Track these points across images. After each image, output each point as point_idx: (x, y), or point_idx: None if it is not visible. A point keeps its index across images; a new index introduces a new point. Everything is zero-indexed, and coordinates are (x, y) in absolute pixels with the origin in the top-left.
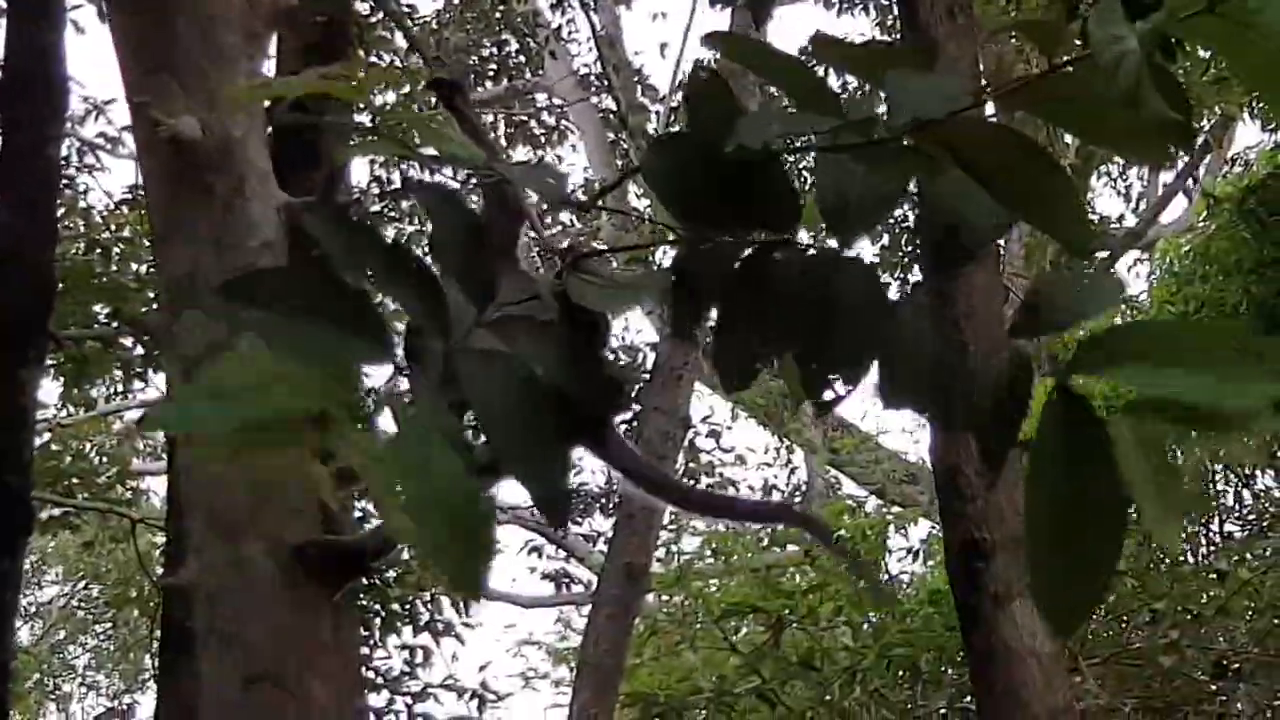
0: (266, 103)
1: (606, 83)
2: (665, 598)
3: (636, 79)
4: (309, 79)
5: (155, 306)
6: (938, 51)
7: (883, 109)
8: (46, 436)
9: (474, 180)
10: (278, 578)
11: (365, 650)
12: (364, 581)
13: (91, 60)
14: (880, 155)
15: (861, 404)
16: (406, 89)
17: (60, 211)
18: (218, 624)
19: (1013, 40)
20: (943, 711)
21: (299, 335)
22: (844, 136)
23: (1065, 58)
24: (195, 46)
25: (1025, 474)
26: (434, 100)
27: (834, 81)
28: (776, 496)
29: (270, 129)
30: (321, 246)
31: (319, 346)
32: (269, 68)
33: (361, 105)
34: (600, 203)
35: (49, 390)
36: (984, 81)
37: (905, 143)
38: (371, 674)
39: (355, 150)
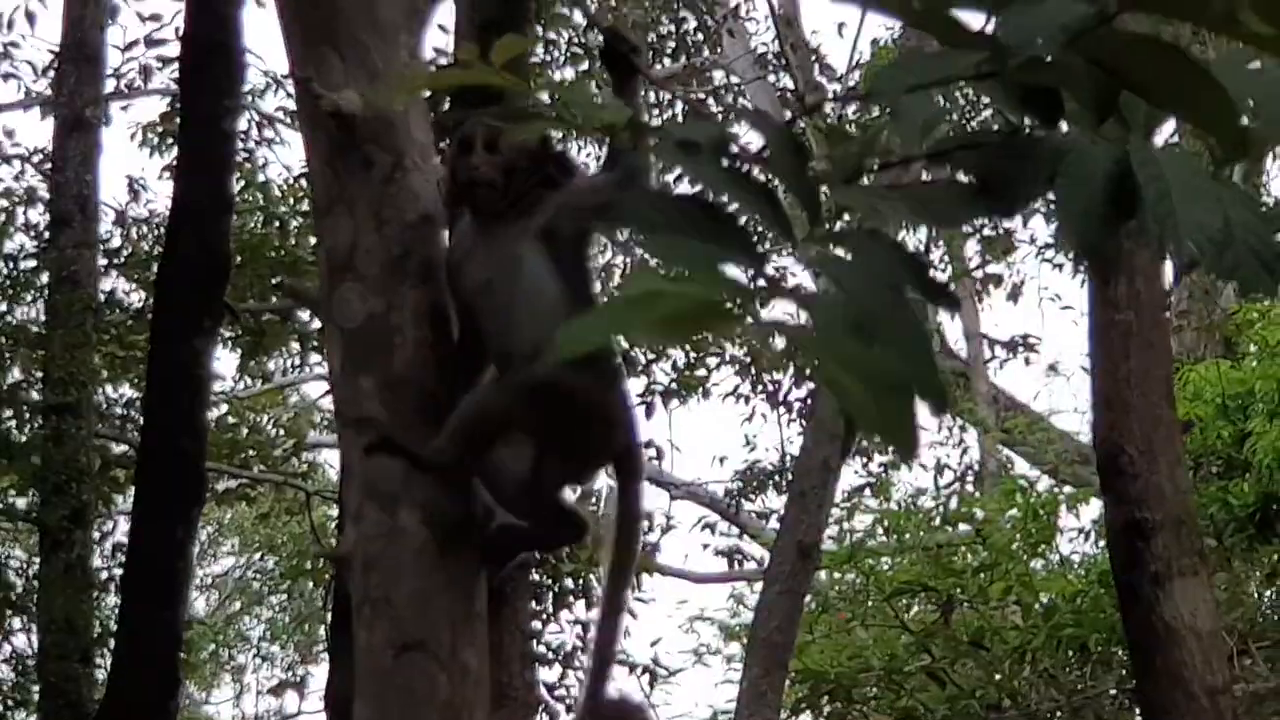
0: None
1: (784, 61)
2: (836, 575)
3: (814, 58)
4: (471, 70)
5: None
6: None
7: None
8: (223, 409)
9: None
10: (431, 547)
11: (538, 625)
12: (537, 556)
13: (272, 34)
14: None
15: (1033, 385)
16: (585, 65)
17: (239, 184)
18: (372, 593)
19: None
20: (1112, 692)
21: (681, 249)
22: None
23: None
24: (356, 20)
25: None
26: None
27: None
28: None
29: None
30: (688, 172)
31: (702, 257)
32: (429, 41)
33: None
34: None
35: (226, 362)
36: None
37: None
38: (544, 649)
39: (520, 131)
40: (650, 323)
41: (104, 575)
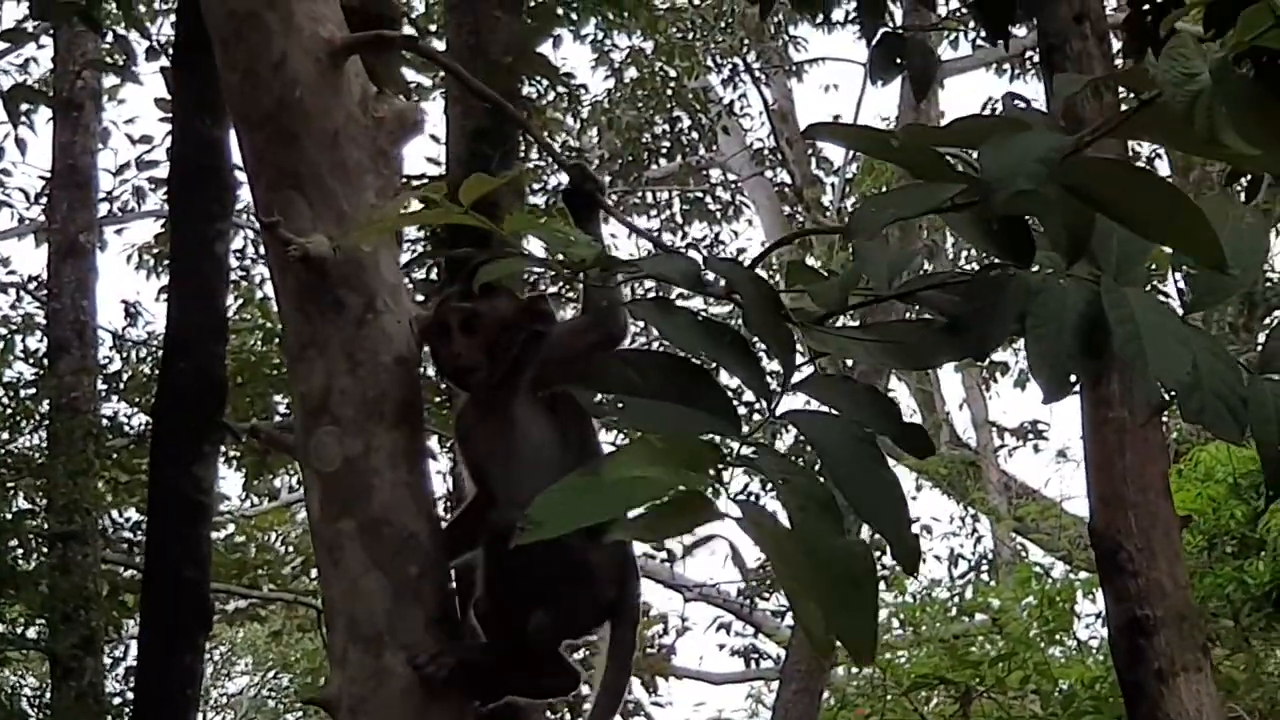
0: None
1: (780, 156)
2: (854, 670)
3: (810, 152)
4: (439, 210)
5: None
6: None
7: None
8: (230, 528)
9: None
10: (417, 690)
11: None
12: None
13: None
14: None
15: (1043, 470)
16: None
17: (237, 302)
18: None
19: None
20: None
21: (661, 416)
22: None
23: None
24: (322, 164)
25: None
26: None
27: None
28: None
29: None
30: (658, 329)
31: (681, 424)
32: (420, 151)
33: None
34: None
35: (232, 481)
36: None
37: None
38: None
39: (495, 271)
40: (631, 515)
41: (117, 701)
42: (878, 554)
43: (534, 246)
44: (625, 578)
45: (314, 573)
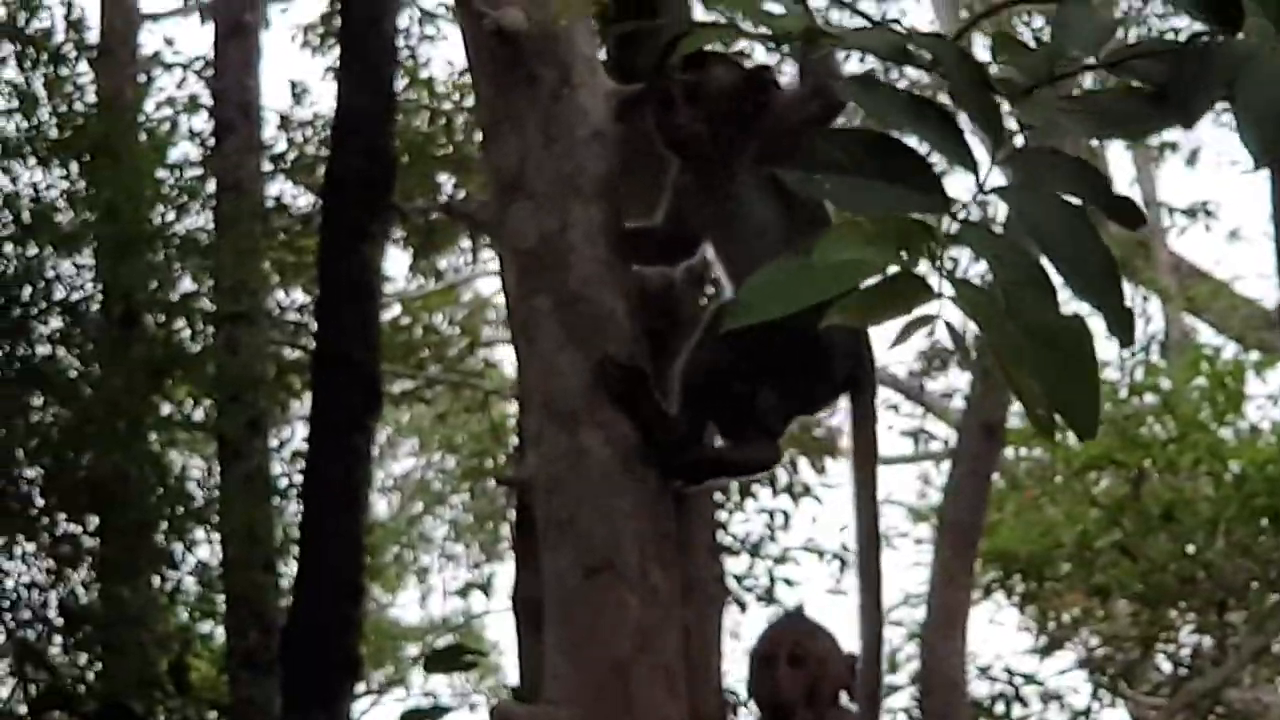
0: None
1: None
2: (1024, 452)
3: None
4: None
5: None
6: None
7: None
8: (396, 309)
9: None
10: (616, 468)
11: (724, 515)
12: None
13: None
14: None
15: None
16: None
17: (402, 83)
18: (557, 515)
19: None
20: None
21: (870, 195)
22: None
23: None
24: None
25: None
26: None
27: None
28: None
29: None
30: (863, 105)
31: (890, 204)
32: None
33: None
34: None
35: (398, 262)
36: None
37: None
38: (731, 539)
39: (697, 39)
40: (842, 297)
41: (284, 483)
42: None
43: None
44: (859, 350)
45: (480, 354)
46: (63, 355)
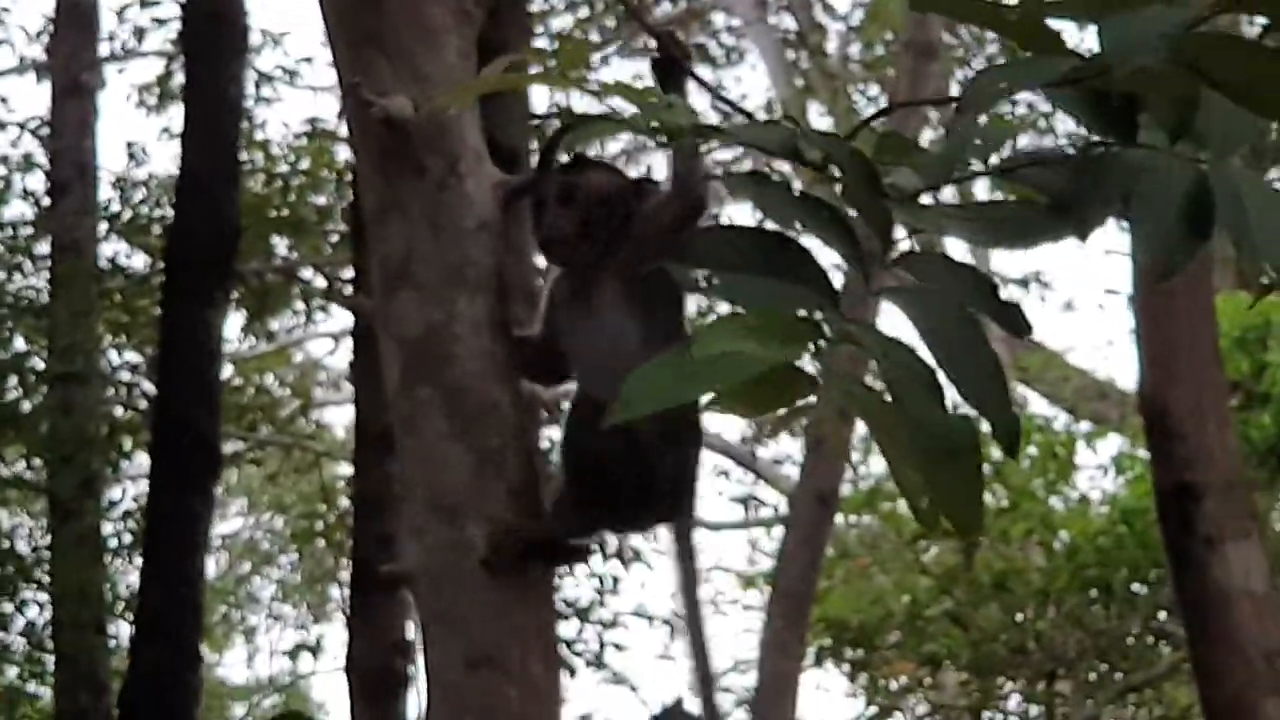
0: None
1: (785, 2)
2: (855, 519)
3: None
4: (516, 75)
5: (360, 288)
6: None
7: None
8: (229, 370)
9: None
10: (505, 563)
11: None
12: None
13: None
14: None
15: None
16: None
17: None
18: (438, 608)
19: None
20: (1135, 632)
21: (755, 290)
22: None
23: None
24: (404, 24)
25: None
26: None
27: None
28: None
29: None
30: (753, 203)
31: (776, 299)
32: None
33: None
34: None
35: (231, 323)
36: None
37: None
38: (562, 604)
39: (587, 133)
40: (725, 390)
41: (114, 543)
42: None
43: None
44: (682, 481)
45: (312, 415)
46: None
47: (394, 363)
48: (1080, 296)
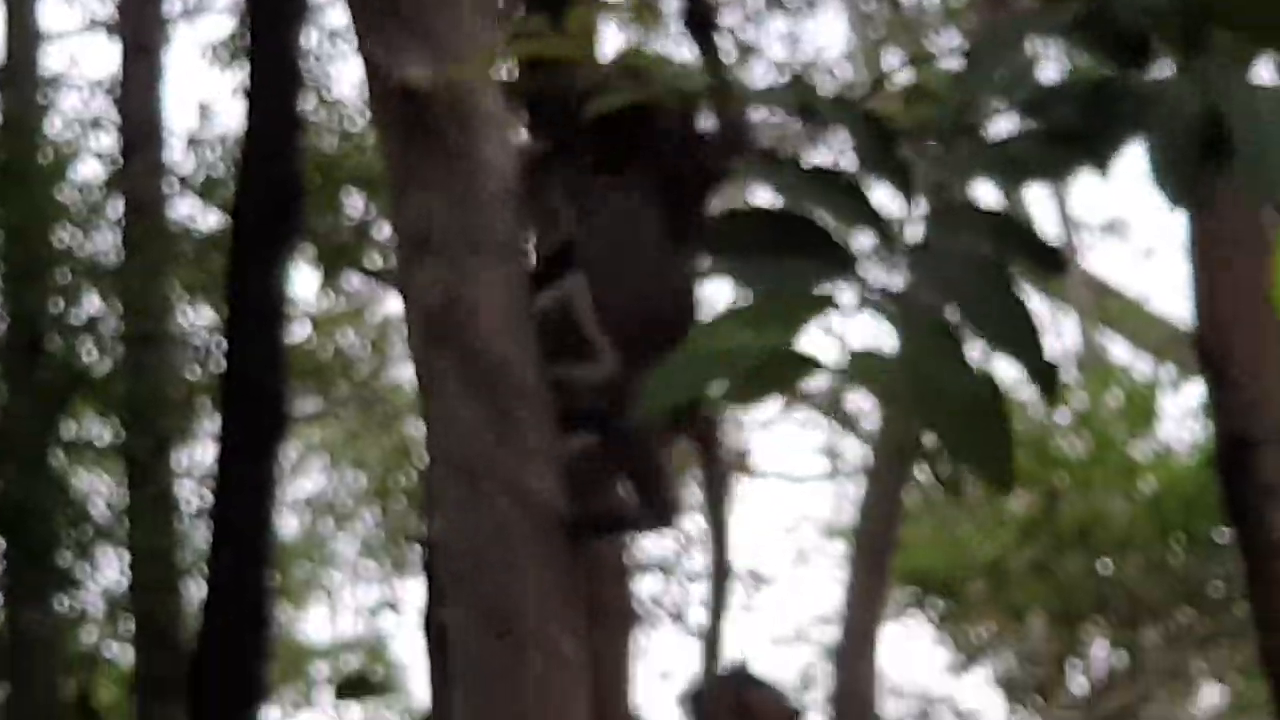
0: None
1: None
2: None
3: None
4: (543, 41)
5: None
6: None
7: None
8: (307, 329)
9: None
10: (519, 523)
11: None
12: None
13: None
14: None
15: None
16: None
17: (311, 103)
18: (459, 569)
19: None
20: (1220, 579)
21: (762, 272)
22: None
23: None
24: None
25: None
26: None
27: None
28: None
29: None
30: (774, 189)
31: (784, 278)
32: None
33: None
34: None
35: (307, 281)
36: None
37: None
38: (643, 559)
39: (607, 100)
40: (734, 383)
41: (191, 504)
42: None
43: None
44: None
45: (391, 372)
46: None
47: (416, 328)
48: (1160, 243)
